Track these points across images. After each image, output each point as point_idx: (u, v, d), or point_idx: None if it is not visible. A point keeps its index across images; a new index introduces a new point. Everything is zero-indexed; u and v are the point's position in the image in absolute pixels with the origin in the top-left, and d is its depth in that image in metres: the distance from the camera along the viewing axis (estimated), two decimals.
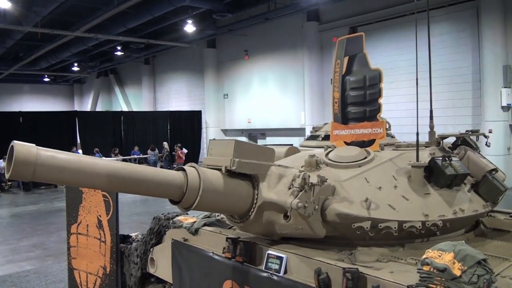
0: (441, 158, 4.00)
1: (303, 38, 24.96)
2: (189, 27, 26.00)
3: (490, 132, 17.18)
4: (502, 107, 17.28)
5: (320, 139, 5.19)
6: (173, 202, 3.62)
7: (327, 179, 3.65)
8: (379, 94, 4.40)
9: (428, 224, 3.71)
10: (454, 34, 18.33)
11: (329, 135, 4.90)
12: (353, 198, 3.70)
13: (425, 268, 2.90)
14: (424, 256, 2.97)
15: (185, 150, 26.60)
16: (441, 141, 4.66)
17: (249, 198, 3.73)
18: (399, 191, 3.87)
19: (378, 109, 4.40)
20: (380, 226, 3.64)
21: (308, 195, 3.53)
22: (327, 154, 4.27)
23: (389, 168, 4.05)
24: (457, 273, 2.79)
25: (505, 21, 17.31)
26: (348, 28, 22.28)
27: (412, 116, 4.59)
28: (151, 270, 5.32)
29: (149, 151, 26.38)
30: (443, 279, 2.81)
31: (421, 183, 3.94)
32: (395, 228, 3.63)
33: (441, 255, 2.91)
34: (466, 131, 4.76)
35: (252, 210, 3.74)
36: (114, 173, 3.21)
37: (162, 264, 5.12)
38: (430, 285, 2.84)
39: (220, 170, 3.66)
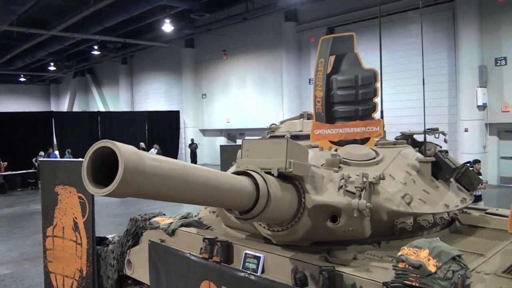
0: (442, 153, 4.35)
1: (282, 38, 25.07)
2: (167, 27, 25.87)
3: (466, 130, 17.55)
4: (478, 107, 17.60)
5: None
6: (236, 212, 3.11)
7: (384, 176, 3.61)
8: (374, 93, 4.49)
9: (449, 215, 4.04)
10: (431, 34, 18.60)
11: (277, 136, 4.88)
12: (391, 195, 3.73)
13: (401, 265, 2.93)
14: (399, 253, 3.00)
15: (154, 150, 26.25)
16: (408, 139, 4.92)
17: (295, 203, 3.42)
18: (418, 185, 4.05)
19: (374, 108, 4.49)
20: (418, 220, 3.78)
21: (369, 194, 3.45)
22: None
23: (400, 165, 4.19)
24: (432, 269, 2.82)
25: (480, 22, 17.64)
26: (325, 29, 22.46)
27: (389, 116, 4.67)
28: (128, 272, 5.26)
29: None
30: (418, 275, 2.85)
31: (429, 177, 4.20)
32: (431, 221, 3.84)
33: (416, 252, 2.94)
34: (427, 129, 4.91)
35: (299, 215, 3.46)
36: (209, 183, 2.75)
37: (139, 265, 5.06)
38: (406, 281, 2.88)
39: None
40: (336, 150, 4.17)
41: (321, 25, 22.88)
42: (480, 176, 4.91)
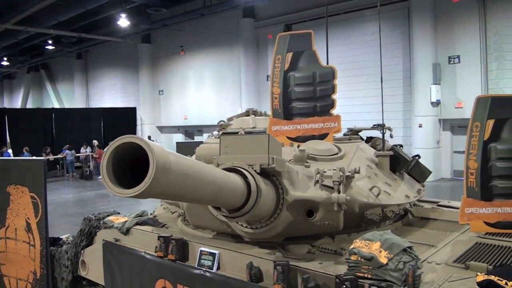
0: (398, 147, 4.59)
1: (239, 34, 25.03)
2: (123, 21, 25.31)
3: (420, 126, 18.06)
4: (432, 103, 18.11)
5: (217, 136, 4.92)
6: (225, 211, 3.02)
7: (359, 170, 3.66)
8: (332, 90, 4.59)
9: (410, 205, 4.27)
10: (386, 33, 18.97)
11: (230, 133, 4.88)
12: (361, 188, 3.83)
13: (353, 257, 2.99)
14: (351, 246, 3.06)
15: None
16: (358, 134, 5.10)
17: (275, 199, 3.40)
18: (380, 178, 4.18)
19: (332, 104, 4.59)
20: (385, 211, 3.94)
21: (346, 188, 3.50)
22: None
23: (361, 159, 4.31)
24: (384, 261, 2.89)
25: (435, 21, 18.12)
26: (283, 26, 22.56)
27: (343, 112, 4.78)
28: (82, 273, 5.16)
29: (66, 151, 25.16)
30: (370, 267, 2.91)
31: (388, 170, 4.37)
32: (396, 211, 4.05)
33: (368, 244, 3.00)
34: (373, 125, 5.13)
35: (278, 211, 3.45)
36: (215, 180, 2.66)
37: (93, 266, 4.98)
38: (358, 273, 2.94)
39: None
40: (298, 146, 4.21)
41: (278, 22, 22.95)
42: None
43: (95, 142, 25.25)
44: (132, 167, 2.15)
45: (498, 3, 16.81)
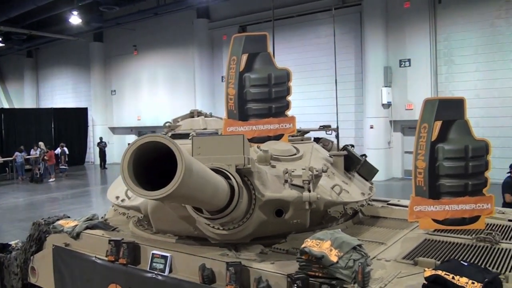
0: (350, 147, 4.73)
1: (194, 35, 24.88)
2: (75, 19, 24.64)
3: (371, 127, 18.50)
4: (383, 105, 18.54)
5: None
6: (207, 213, 3.01)
7: (327, 169, 3.74)
8: (287, 92, 4.65)
9: (366, 202, 4.44)
10: (339, 36, 19.29)
11: (181, 134, 4.86)
12: (323, 187, 3.89)
13: (304, 256, 3.03)
14: (303, 246, 3.09)
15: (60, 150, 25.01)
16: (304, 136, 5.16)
17: (247, 200, 3.40)
18: (337, 177, 4.29)
19: (287, 105, 4.66)
20: (346, 208, 4.06)
21: (314, 187, 3.56)
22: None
23: (317, 158, 4.38)
24: (334, 259, 2.94)
25: (386, 25, 18.58)
26: (237, 27, 22.64)
27: (298, 113, 4.86)
28: (32, 280, 5.02)
29: (16, 153, 24.21)
30: (321, 266, 2.95)
31: (342, 169, 4.50)
32: (356, 208, 4.20)
33: (319, 243, 3.04)
34: (320, 126, 5.31)
35: (250, 211, 3.45)
36: (214, 181, 2.65)
37: (43, 272, 4.85)
38: (309, 272, 2.97)
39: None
40: (258, 147, 4.24)
41: (233, 23, 22.99)
42: None
43: (41, 144, 24.39)
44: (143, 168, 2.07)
45: (448, 9, 17.41)
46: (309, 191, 3.50)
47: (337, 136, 5.15)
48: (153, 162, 2.25)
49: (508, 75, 16.11)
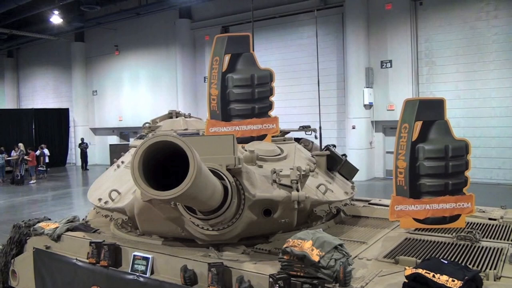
0: (331, 147, 4.80)
1: (176, 35, 24.78)
2: (56, 18, 24.40)
3: (353, 128, 18.64)
4: (365, 105, 18.68)
5: None
6: (200, 214, 3.04)
7: (314, 169, 3.79)
8: (270, 92, 4.68)
9: (349, 201, 4.54)
10: (321, 37, 19.38)
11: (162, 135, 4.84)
12: (309, 186, 3.90)
13: (286, 256, 3.04)
14: (284, 246, 3.09)
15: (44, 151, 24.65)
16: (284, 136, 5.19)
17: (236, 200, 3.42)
18: (321, 176, 4.35)
19: (270, 106, 4.69)
20: (331, 207, 4.10)
21: (302, 186, 3.59)
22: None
23: (301, 158, 4.44)
24: (316, 259, 2.95)
25: (368, 27, 18.72)
26: (220, 27, 22.61)
27: (280, 114, 4.88)
28: (13, 284, 4.94)
29: None
30: (302, 265, 2.96)
31: (325, 168, 4.56)
32: (341, 207, 4.31)
33: (301, 243, 3.05)
34: (300, 127, 5.38)
35: (240, 211, 3.46)
36: (213, 181, 2.69)
37: (24, 275, 4.78)
38: (291, 272, 2.98)
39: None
40: (243, 147, 4.25)
41: (215, 24, 22.96)
42: None
43: (21, 145, 24.02)
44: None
45: (429, 11, 17.62)
46: (298, 190, 3.54)
47: (316, 137, 5.21)
48: (154, 162, 2.26)
49: (488, 76, 16.39)
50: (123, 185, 4.24)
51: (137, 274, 3.64)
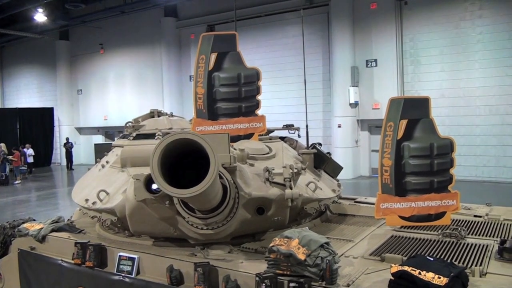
0: (317, 145, 4.84)
1: (161, 33, 24.65)
2: (40, 16, 24.08)
3: (339, 126, 18.73)
4: (350, 104, 18.75)
5: (131, 138, 4.83)
6: (198, 213, 3.06)
7: (306, 166, 3.81)
8: (257, 91, 4.68)
9: (337, 199, 4.61)
10: (307, 36, 19.37)
11: (146, 134, 4.80)
12: (299, 184, 3.90)
13: (272, 255, 3.04)
14: (271, 244, 3.10)
15: (28, 151, 24.38)
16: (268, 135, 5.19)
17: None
18: (308, 174, 4.37)
19: (257, 105, 4.69)
20: (320, 205, 4.15)
21: (295, 184, 3.61)
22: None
23: (288, 157, 4.43)
24: (302, 257, 2.96)
25: (353, 26, 18.79)
26: (206, 26, 22.56)
27: (266, 113, 4.88)
28: None
29: None
30: (289, 264, 2.97)
31: (312, 167, 4.58)
32: (329, 204, 4.38)
33: (287, 242, 3.06)
34: (284, 125, 5.41)
35: (234, 210, 3.46)
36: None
37: (9, 277, 4.74)
38: (278, 271, 2.98)
39: None
40: (232, 146, 4.21)
41: (201, 22, 22.88)
42: None
43: (3, 145, 23.72)
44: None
45: (414, 10, 17.74)
46: (291, 188, 3.58)
47: (300, 136, 5.24)
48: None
49: (472, 75, 16.55)
50: (111, 185, 4.20)
51: (123, 274, 3.63)
